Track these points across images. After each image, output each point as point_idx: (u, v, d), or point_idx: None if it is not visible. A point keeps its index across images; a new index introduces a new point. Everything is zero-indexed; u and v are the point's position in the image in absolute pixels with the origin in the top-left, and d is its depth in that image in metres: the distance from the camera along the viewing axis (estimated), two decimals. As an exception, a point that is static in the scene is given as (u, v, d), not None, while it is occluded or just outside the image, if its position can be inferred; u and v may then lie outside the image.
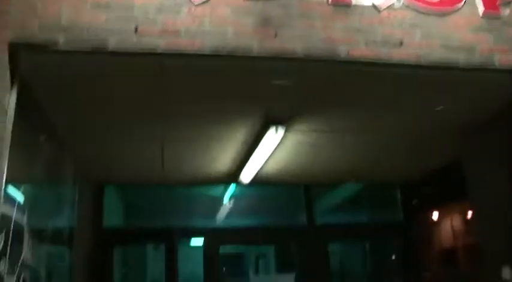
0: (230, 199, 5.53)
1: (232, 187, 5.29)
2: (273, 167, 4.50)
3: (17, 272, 2.28)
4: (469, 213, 5.10)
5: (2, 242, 2.10)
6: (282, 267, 7.37)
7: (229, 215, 5.64)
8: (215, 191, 5.51)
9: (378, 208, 6.06)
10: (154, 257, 11.13)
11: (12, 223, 2.24)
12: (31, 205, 2.52)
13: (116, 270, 5.13)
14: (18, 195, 2.35)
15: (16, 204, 2.31)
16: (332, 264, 5.57)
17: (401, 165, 4.85)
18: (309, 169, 4.75)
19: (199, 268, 5.17)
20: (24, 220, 2.43)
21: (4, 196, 2.12)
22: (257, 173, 4.51)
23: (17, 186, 2.32)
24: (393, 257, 6.46)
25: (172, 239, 4.73)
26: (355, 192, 6.06)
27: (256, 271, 8.08)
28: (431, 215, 5.24)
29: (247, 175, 4.58)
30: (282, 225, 5.48)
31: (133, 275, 7.47)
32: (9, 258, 2.16)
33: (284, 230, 5.45)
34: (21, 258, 2.35)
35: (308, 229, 5.38)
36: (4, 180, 2.13)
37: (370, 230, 5.75)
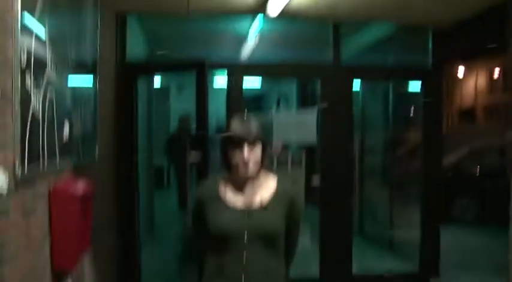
0: (256, 33, 5.38)
1: (259, 20, 5.09)
2: (302, 1, 4.26)
3: (43, 88, 2.28)
4: (496, 72, 4.96)
5: (26, 60, 2.06)
6: (304, 106, 7.51)
7: (255, 49, 5.54)
8: (241, 24, 5.33)
9: (407, 53, 5.89)
10: (177, 96, 11.39)
11: (33, 45, 2.17)
12: (51, 31, 2.41)
13: (140, 104, 5.19)
14: (36, 23, 2.23)
15: (34, 32, 2.21)
16: (354, 106, 5.55)
17: (438, 7, 4.57)
18: (340, 4, 4.50)
19: (222, 108, 5.24)
20: (45, 45, 2.35)
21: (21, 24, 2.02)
22: (285, 6, 4.28)
23: (33, 14, 2.17)
24: (413, 108, 6.47)
25: (199, 72, 4.61)
26: (385, 34, 5.83)
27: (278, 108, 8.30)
28: (458, 69, 5.13)
29: (275, 7, 4.36)
30: (307, 61, 5.37)
31: (157, 110, 7.67)
32: (33, 74, 2.14)
33: (309, 66, 5.35)
34: (46, 75, 2.33)
35: (334, 67, 5.25)
36: (19, 8, 2.00)
37: (396, 74, 5.65)
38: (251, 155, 2.15)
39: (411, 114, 7.31)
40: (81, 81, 3.29)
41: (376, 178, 7.73)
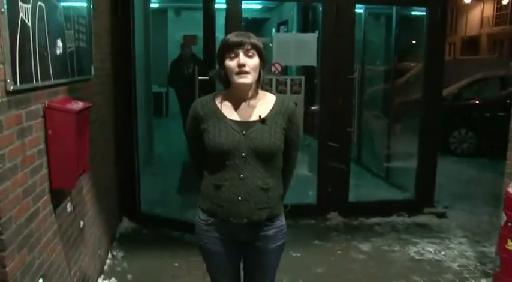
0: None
1: None
2: None
3: (31, 2, 2.17)
4: (505, 2, 4.76)
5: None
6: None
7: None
8: None
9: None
10: (175, 20, 11.12)
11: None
12: None
13: (136, 26, 5.00)
14: None
15: None
16: (356, 32, 5.39)
17: None
18: None
19: (220, 30, 5.07)
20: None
21: None
22: None
23: None
24: (416, 35, 6.29)
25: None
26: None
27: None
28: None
29: None
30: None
31: (155, 34, 7.47)
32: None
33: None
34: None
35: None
36: None
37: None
38: (248, 62, 2.08)
39: (413, 42, 7.14)
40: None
41: (375, 108, 7.69)
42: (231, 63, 2.08)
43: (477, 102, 9.23)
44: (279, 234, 2.30)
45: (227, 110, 2.18)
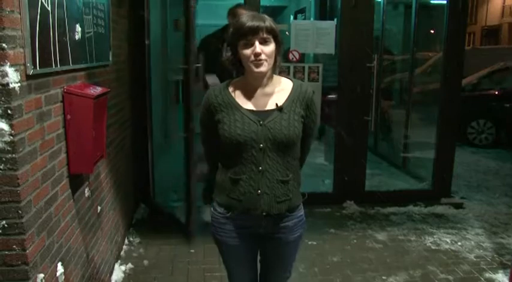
0: None
1: None
2: None
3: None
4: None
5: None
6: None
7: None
8: None
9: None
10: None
11: None
12: None
13: (153, 13, 5.00)
14: None
15: None
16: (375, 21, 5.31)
17: None
18: None
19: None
20: None
21: None
22: None
23: None
24: (436, 24, 6.20)
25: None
26: None
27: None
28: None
29: None
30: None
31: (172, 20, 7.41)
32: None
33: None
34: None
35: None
36: None
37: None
38: (264, 49, 1.97)
39: (432, 31, 7.05)
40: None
41: (393, 96, 7.62)
42: (247, 52, 1.98)
43: (496, 92, 9.08)
44: (298, 225, 2.23)
45: (242, 99, 2.09)
